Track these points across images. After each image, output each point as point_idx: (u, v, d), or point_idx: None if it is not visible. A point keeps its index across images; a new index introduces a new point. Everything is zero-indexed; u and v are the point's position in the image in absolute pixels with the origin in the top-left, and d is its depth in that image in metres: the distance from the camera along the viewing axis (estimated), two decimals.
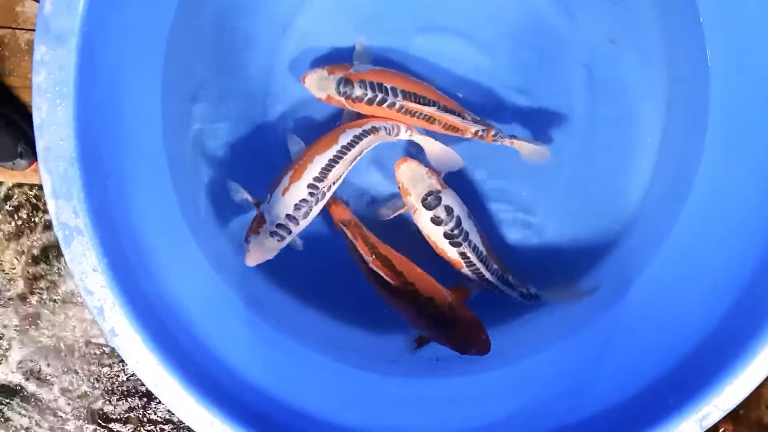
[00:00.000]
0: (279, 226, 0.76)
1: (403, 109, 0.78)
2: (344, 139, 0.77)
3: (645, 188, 0.86)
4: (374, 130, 0.78)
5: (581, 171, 0.86)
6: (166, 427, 1.02)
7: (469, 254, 0.78)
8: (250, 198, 0.78)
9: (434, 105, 0.78)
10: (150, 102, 0.75)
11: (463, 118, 0.78)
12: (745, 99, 0.78)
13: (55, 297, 1.02)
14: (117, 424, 1.03)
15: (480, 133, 0.79)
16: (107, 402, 1.02)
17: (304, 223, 0.77)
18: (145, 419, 1.03)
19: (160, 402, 0.85)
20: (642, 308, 0.80)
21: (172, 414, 0.97)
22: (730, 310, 0.72)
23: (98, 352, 1.02)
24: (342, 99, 0.79)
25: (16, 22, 0.90)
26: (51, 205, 0.61)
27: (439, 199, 0.78)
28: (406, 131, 0.81)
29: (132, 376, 1.01)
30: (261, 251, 0.77)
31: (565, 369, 0.79)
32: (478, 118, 0.80)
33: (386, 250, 0.78)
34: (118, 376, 1.02)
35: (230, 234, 0.84)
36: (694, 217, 0.82)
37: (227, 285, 0.81)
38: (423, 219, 0.78)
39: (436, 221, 0.78)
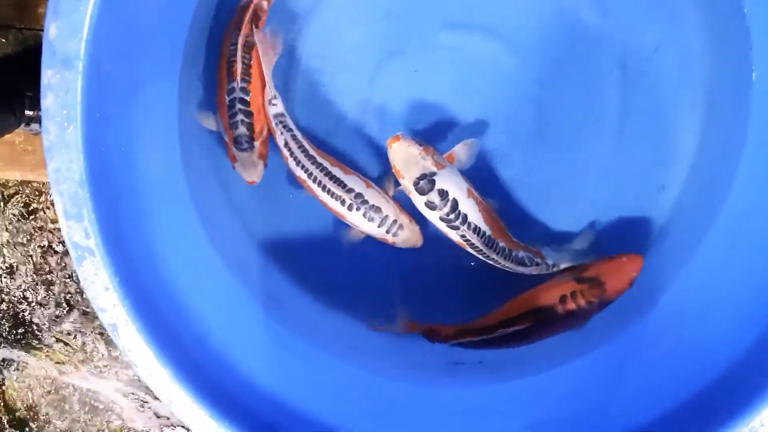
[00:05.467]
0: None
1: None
2: None
3: (678, 194, 0.83)
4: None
5: (611, 175, 0.83)
6: None
7: (469, 236, 0.75)
8: None
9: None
10: (165, 118, 0.74)
11: None
12: None
13: None
14: None
15: None
16: None
17: None
18: None
19: None
20: (666, 327, 0.77)
21: None
22: (761, 338, 0.69)
23: None
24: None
25: (39, 24, 0.90)
26: (63, 226, 0.62)
27: (433, 183, 0.74)
28: None
29: None
30: None
31: (584, 385, 0.77)
32: None
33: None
34: None
35: (254, 233, 0.85)
36: (727, 229, 0.78)
37: (247, 288, 0.81)
38: (418, 203, 0.76)
39: (429, 206, 0.75)
